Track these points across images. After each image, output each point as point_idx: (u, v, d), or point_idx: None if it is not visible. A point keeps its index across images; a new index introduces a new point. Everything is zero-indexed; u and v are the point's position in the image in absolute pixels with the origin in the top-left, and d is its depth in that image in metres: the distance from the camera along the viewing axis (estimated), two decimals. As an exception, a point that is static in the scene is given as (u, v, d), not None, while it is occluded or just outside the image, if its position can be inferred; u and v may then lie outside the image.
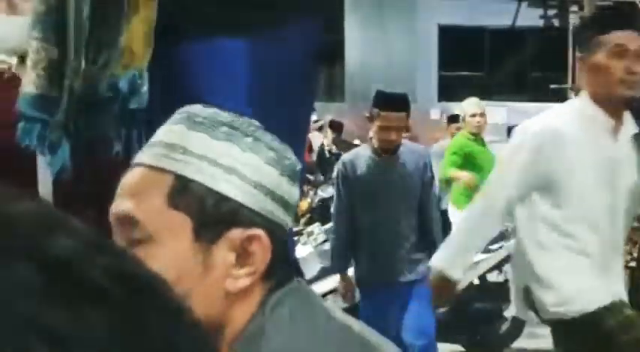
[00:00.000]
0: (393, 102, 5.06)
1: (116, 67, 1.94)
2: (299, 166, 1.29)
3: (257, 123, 1.26)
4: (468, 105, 7.93)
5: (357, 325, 1.29)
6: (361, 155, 5.14)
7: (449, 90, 17.90)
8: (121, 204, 1.21)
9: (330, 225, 6.25)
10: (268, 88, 1.26)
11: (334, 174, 5.46)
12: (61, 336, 0.38)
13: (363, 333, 1.27)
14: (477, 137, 7.89)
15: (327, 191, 9.35)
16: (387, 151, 5.05)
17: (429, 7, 19.05)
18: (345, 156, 5.35)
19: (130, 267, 0.43)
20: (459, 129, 8.50)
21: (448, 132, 9.52)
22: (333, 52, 18.48)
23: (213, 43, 2.01)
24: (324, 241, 6.75)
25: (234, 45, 2.00)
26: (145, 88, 1.95)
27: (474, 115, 7.80)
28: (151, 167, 1.23)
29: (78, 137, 1.96)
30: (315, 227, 7.48)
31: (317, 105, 10.78)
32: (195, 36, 2.02)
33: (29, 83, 1.95)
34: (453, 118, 9.32)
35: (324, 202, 9.35)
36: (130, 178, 1.24)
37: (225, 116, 1.24)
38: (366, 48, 20.51)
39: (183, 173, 1.20)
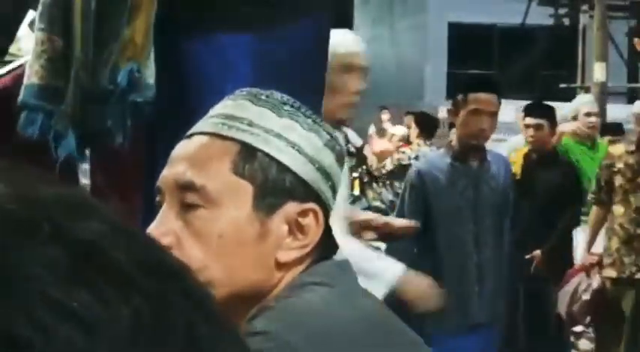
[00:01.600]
0: (483, 83, 4.16)
1: (120, 60, 1.95)
2: (346, 155, 1.35)
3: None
4: (583, 104, 7.00)
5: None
6: (438, 163, 4.03)
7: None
8: (179, 170, 1.23)
9: None
10: (272, 85, 1.28)
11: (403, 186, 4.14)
12: (88, 321, 0.37)
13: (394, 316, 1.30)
14: (588, 138, 6.79)
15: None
16: (472, 149, 3.96)
17: (438, 5, 19.01)
18: (419, 165, 4.30)
19: (156, 254, 0.43)
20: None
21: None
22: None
23: (217, 39, 2.01)
24: None
25: (239, 41, 2.00)
26: (151, 81, 1.96)
27: (588, 114, 6.78)
28: (214, 135, 1.24)
29: (83, 127, 1.97)
30: None
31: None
32: (199, 32, 2.03)
33: (33, 74, 1.96)
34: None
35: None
36: (189, 146, 1.25)
37: (285, 98, 1.28)
38: (376, 45, 20.49)
39: (249, 142, 1.23)
